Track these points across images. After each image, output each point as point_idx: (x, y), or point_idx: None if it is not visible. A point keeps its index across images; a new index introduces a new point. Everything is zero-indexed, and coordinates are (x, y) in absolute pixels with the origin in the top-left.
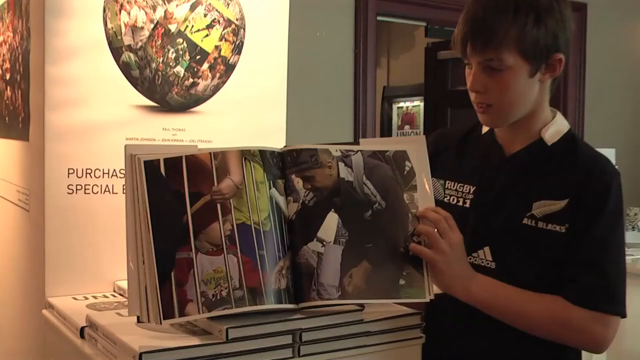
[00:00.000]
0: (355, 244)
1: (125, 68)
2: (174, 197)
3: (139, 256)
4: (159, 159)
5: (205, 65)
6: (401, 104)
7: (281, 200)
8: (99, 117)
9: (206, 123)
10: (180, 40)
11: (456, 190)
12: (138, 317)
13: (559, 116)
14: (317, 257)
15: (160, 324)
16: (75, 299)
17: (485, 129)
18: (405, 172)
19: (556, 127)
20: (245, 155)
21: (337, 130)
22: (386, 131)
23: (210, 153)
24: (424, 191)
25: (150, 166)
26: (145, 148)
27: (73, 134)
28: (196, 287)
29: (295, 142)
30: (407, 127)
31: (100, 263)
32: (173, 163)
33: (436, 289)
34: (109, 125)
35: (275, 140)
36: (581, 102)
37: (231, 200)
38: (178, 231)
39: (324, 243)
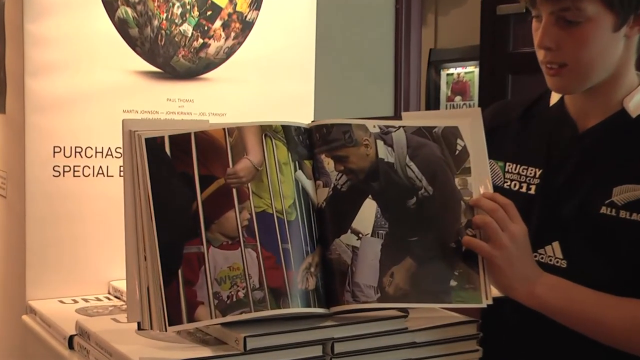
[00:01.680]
0: (397, 237)
1: (121, 26)
2: (182, 181)
3: (140, 251)
4: (164, 136)
5: (218, 23)
6: (451, 71)
7: (309, 184)
8: (91, 85)
9: (219, 93)
10: None
11: (518, 173)
12: (139, 324)
13: None
14: (352, 252)
15: (166, 331)
16: (62, 302)
17: (554, 99)
18: (457, 152)
19: None
20: (266, 131)
21: (374, 102)
22: (433, 103)
23: (224, 129)
24: (480, 175)
25: (153, 144)
26: (147, 123)
27: (59, 105)
28: (208, 287)
29: (325, 116)
30: (458, 98)
31: (93, 260)
32: (180, 141)
33: (495, 292)
34: (103, 95)
35: (302, 113)
36: None
37: (249, 184)
38: (186, 221)
39: (360, 236)
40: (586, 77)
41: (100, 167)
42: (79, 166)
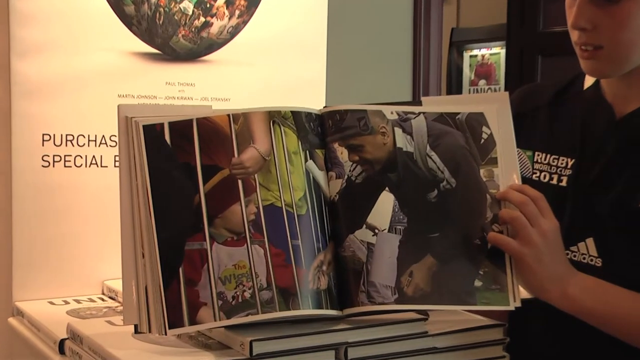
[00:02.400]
0: (417, 233)
1: (116, 3)
2: (183, 172)
3: (137, 248)
4: (163, 123)
5: (221, 0)
6: (475, 52)
7: (320, 175)
8: (83, 67)
9: (222, 76)
10: None
11: (549, 164)
12: (136, 327)
13: None
14: (367, 249)
15: (165, 335)
16: (52, 303)
17: (588, 83)
18: (482, 140)
19: None
20: (274, 117)
21: (390, 86)
22: (455, 87)
23: (228, 115)
24: (507, 165)
25: (152, 132)
26: (145, 109)
27: (49, 89)
28: (211, 286)
29: (338, 101)
30: (482, 82)
31: (85, 257)
32: (181, 128)
33: (523, 293)
34: (96, 79)
35: (312, 99)
36: None
37: (256, 175)
38: (188, 215)
39: (376, 231)
40: (624, 60)
41: (94, 156)
42: (70, 156)
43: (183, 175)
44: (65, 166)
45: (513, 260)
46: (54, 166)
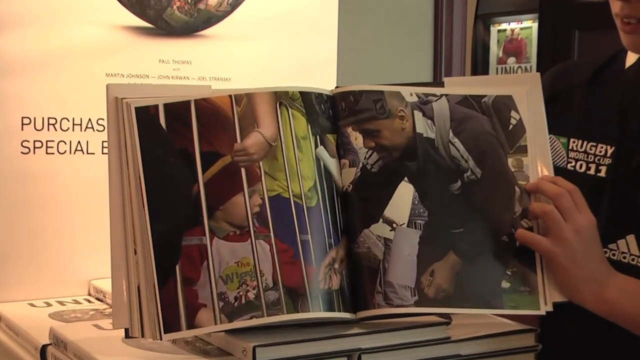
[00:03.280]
0: (439, 227)
1: None
2: (180, 159)
3: (129, 243)
4: (157, 105)
5: None
6: (504, 26)
7: (332, 163)
8: (66, 43)
9: (222, 53)
10: None
11: (585, 152)
12: (127, 331)
13: None
14: (384, 245)
15: (160, 339)
16: (32, 305)
17: (630, 61)
18: (511, 126)
19: None
20: (281, 98)
21: (409, 65)
22: (481, 66)
23: (230, 96)
24: (538, 154)
25: (145, 115)
26: (137, 89)
27: (28, 68)
28: (211, 286)
29: (350, 82)
30: (512, 60)
31: (70, 254)
32: (178, 110)
33: (556, 296)
34: (82, 56)
35: (323, 79)
36: None
37: (261, 163)
38: (185, 207)
39: (394, 226)
40: None
41: (79, 142)
42: (53, 141)
43: (180, 163)
44: (47, 153)
45: (544, 259)
46: (34, 153)
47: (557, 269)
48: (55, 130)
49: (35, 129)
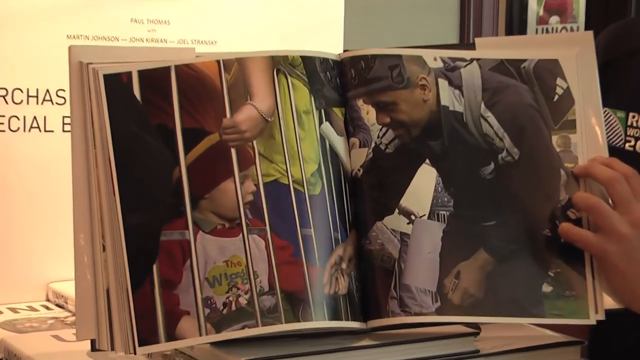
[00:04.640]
0: (467, 220)
1: None
2: (158, 137)
3: (96, 238)
4: (131, 72)
5: None
6: None
7: (340, 142)
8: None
9: (206, 11)
10: None
11: None
12: (93, 343)
13: None
14: (401, 241)
15: (134, 353)
16: None
17: None
18: (557, 97)
19: None
20: (279, 65)
21: (432, 26)
22: (517, 27)
23: (218, 62)
24: (590, 131)
25: (116, 84)
26: (106, 52)
27: None
28: (195, 290)
29: (362, 45)
30: (555, 19)
31: (25, 253)
32: (155, 78)
33: (609, 302)
34: (38, 15)
35: (328, 41)
36: None
37: (255, 142)
38: (164, 195)
39: (412, 218)
40: None
41: (35, 118)
42: (3, 117)
43: (158, 142)
44: None
45: (594, 259)
46: None
47: (611, 270)
48: (7, 103)
49: None
